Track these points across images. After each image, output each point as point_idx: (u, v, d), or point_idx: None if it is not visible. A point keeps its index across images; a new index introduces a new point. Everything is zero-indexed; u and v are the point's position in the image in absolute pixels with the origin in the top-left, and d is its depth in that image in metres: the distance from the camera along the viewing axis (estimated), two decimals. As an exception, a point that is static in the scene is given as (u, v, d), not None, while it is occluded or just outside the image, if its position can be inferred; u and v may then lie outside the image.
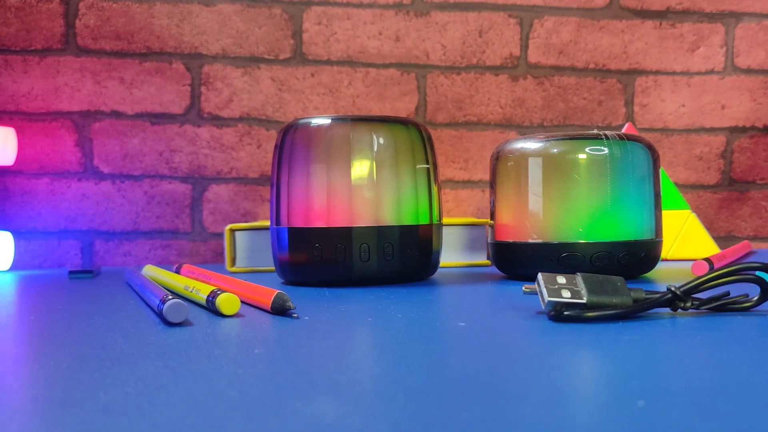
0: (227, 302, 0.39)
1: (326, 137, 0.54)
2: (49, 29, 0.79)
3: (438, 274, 0.61)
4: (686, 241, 0.73)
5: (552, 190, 0.55)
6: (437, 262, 0.58)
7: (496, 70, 0.85)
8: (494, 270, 0.65)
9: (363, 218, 0.53)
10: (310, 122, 0.55)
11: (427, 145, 0.56)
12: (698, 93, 0.88)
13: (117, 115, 0.81)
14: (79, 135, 0.80)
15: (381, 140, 0.54)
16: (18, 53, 0.79)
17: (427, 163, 0.56)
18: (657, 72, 0.87)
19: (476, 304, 0.43)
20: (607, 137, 0.55)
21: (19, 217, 0.79)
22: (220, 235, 0.82)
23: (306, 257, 0.53)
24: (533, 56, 0.86)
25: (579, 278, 0.37)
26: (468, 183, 0.86)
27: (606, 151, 0.54)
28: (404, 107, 0.84)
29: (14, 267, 0.77)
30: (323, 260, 0.53)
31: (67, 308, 0.44)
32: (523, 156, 0.56)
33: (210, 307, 0.41)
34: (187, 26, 0.81)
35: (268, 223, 0.70)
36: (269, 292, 0.40)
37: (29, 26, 0.79)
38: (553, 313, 0.36)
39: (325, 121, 0.55)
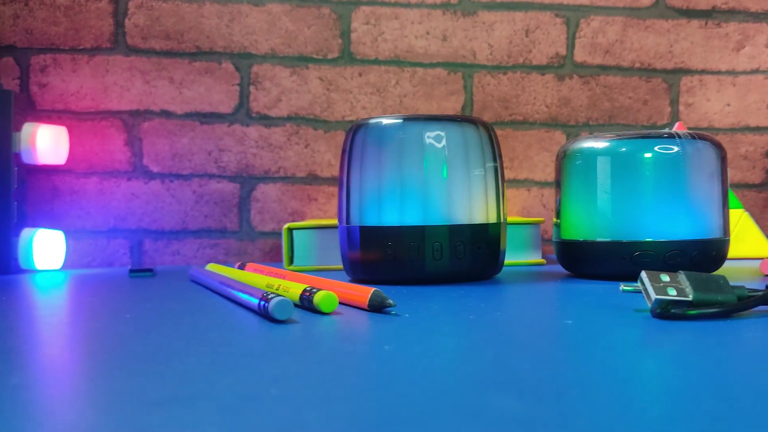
0: (326, 300, 0.39)
1: (398, 136, 0.54)
2: (98, 28, 0.79)
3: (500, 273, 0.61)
4: (740, 240, 0.73)
5: (623, 188, 0.55)
6: (503, 260, 0.58)
7: (542, 69, 0.85)
8: (550, 268, 0.65)
9: (436, 217, 0.53)
10: (382, 121, 0.55)
11: (495, 143, 0.56)
12: (743, 92, 0.87)
13: (166, 114, 0.81)
14: (128, 134, 0.80)
15: (452, 139, 0.54)
16: (67, 52, 0.79)
17: (495, 161, 0.56)
18: (702, 71, 0.87)
19: (565, 302, 0.43)
20: (678, 135, 0.55)
21: (68, 217, 0.79)
22: (268, 234, 0.82)
23: (378, 255, 0.53)
24: (579, 55, 0.86)
25: (682, 276, 0.37)
26: (514, 182, 0.86)
27: (677, 149, 0.54)
28: (451, 106, 0.84)
29: (64, 266, 0.77)
30: (396, 259, 0.53)
31: (155, 306, 0.44)
32: (593, 155, 0.56)
33: (304, 304, 0.41)
34: (237, 26, 0.81)
35: (325, 221, 0.70)
36: (365, 289, 0.40)
37: (78, 25, 0.79)
38: (659, 310, 0.36)
39: (396, 120, 0.55)
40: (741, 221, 0.73)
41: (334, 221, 0.70)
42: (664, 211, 0.54)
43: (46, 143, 0.73)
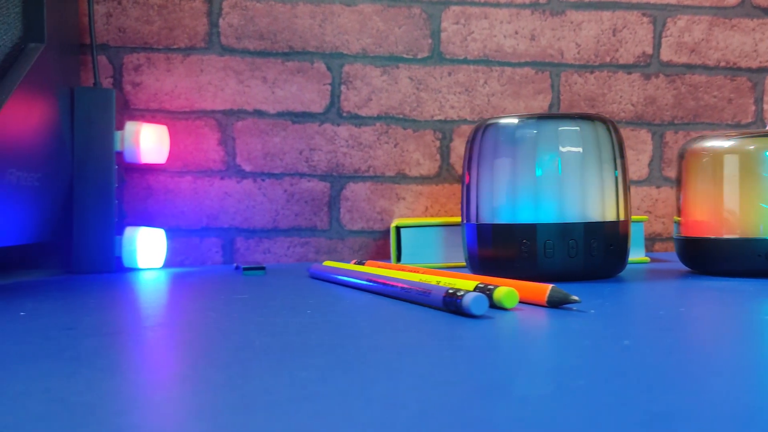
0: (508, 296, 0.40)
1: (514, 136, 0.54)
2: (192, 28, 0.80)
3: (621, 270, 0.62)
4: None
5: (752, 186, 0.55)
6: (626, 259, 0.58)
7: (628, 68, 0.86)
8: (664, 266, 0.65)
9: (571, 214, 0.53)
10: (499, 122, 0.56)
11: (614, 140, 0.57)
12: (828, 91, 0.88)
13: (259, 114, 0.81)
14: (222, 134, 0.81)
15: (586, 137, 0.54)
16: (161, 51, 0.80)
17: (615, 158, 0.56)
18: (787, 70, 0.87)
19: (719, 299, 0.43)
20: (810, 134, 0.55)
21: (162, 215, 0.80)
22: (357, 232, 0.83)
23: (512, 252, 0.54)
24: (665, 55, 0.86)
25: None
26: (600, 181, 0.86)
27: (808, 147, 0.55)
28: (538, 105, 0.85)
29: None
30: (531, 255, 0.53)
31: (316, 303, 0.44)
32: (719, 153, 0.56)
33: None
34: (329, 26, 0.82)
35: (432, 220, 0.71)
36: (542, 286, 0.41)
37: (172, 24, 0.80)
38: None
39: (512, 120, 0.55)
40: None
41: (440, 219, 0.70)
42: (798, 208, 0.54)
43: (150, 142, 0.73)
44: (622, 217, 0.56)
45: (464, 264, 0.70)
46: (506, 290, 0.40)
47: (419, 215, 0.83)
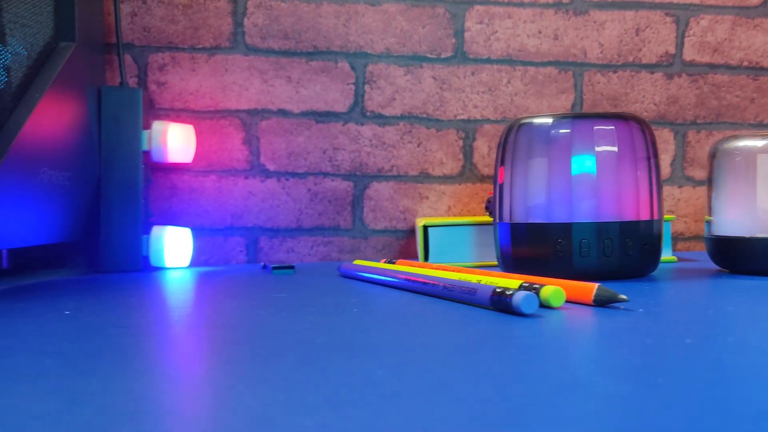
0: (555, 294, 0.40)
1: (549, 135, 0.55)
2: (217, 27, 0.80)
3: (652, 269, 0.62)
4: None
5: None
6: (659, 258, 0.58)
7: (651, 68, 0.86)
8: (689, 265, 0.65)
9: (607, 213, 0.53)
10: (533, 121, 0.56)
11: (648, 139, 0.57)
12: None
13: (283, 113, 0.81)
14: (246, 133, 0.81)
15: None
16: (186, 51, 0.80)
17: (649, 158, 0.56)
18: (809, 70, 0.87)
19: (761, 298, 0.43)
20: None
21: (187, 214, 0.80)
22: (380, 232, 0.83)
23: (547, 251, 0.54)
24: (688, 54, 0.86)
25: None
26: (623, 181, 0.86)
27: (843, 147, 0.55)
28: (561, 105, 0.85)
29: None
30: (566, 255, 0.53)
31: (358, 302, 0.44)
32: (752, 152, 0.56)
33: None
34: (353, 25, 0.82)
35: (459, 219, 0.71)
36: (588, 285, 0.41)
37: (197, 24, 0.80)
38: None
39: (547, 119, 0.55)
40: None
41: (468, 218, 0.70)
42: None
43: (177, 142, 0.73)
44: (655, 216, 0.56)
45: (493, 263, 0.70)
46: (554, 289, 0.40)
47: (442, 215, 0.84)
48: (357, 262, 0.62)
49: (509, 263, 0.57)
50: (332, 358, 0.27)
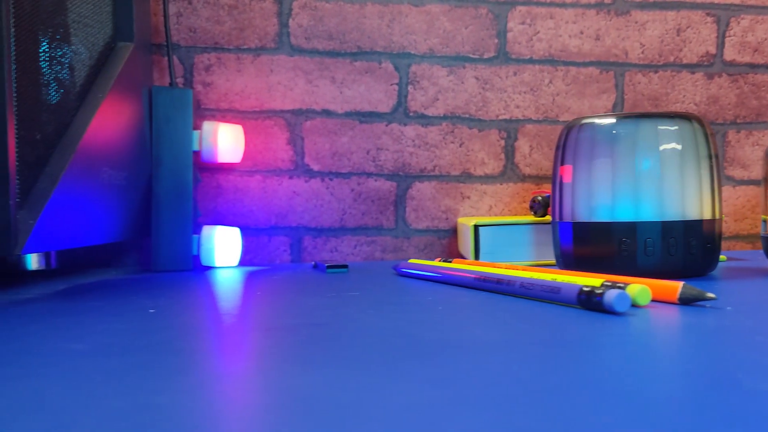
0: (642, 293, 0.40)
1: (613, 134, 0.55)
2: (262, 28, 0.81)
3: (708, 268, 0.62)
4: None
5: None
6: (718, 257, 0.58)
7: (692, 68, 0.86)
8: (743, 264, 0.65)
9: (671, 213, 0.54)
10: (596, 121, 0.56)
11: (710, 139, 0.57)
12: None
13: (327, 113, 0.82)
14: (291, 133, 0.81)
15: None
16: (231, 51, 0.80)
17: (711, 157, 0.57)
18: None
19: None
20: None
21: (232, 214, 0.80)
22: (422, 231, 0.83)
23: (611, 250, 0.54)
24: (729, 54, 0.86)
25: None
26: (663, 180, 0.86)
27: None
28: (602, 105, 0.85)
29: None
30: (630, 253, 0.54)
31: (425, 300, 0.45)
32: (811, 151, 0.57)
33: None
34: (397, 26, 0.82)
35: (509, 218, 0.71)
36: (672, 283, 0.41)
37: (242, 25, 0.80)
38: None
39: (611, 119, 0.56)
40: None
41: (517, 218, 0.71)
42: None
43: (227, 142, 0.74)
44: (717, 215, 0.56)
45: (545, 262, 0.71)
46: (641, 287, 0.40)
47: (483, 214, 0.84)
48: (412, 261, 0.63)
49: (570, 262, 0.57)
50: (456, 355, 0.28)
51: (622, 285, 0.41)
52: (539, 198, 0.71)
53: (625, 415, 0.19)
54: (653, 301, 0.42)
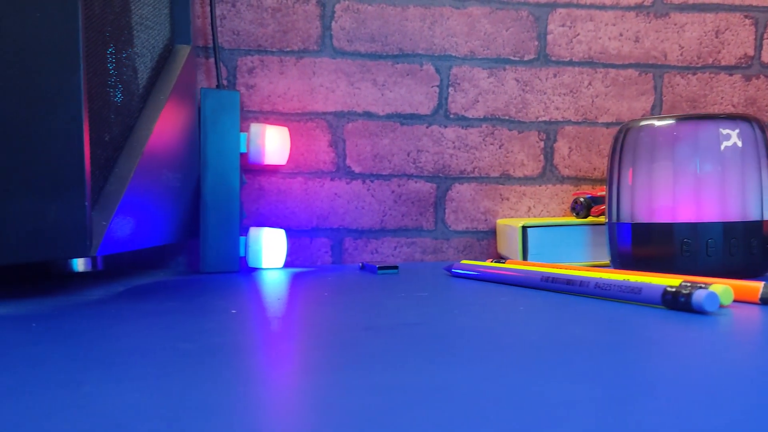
0: (725, 293, 0.40)
1: (674, 136, 0.55)
2: (305, 31, 0.81)
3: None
4: None
5: None
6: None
7: (730, 69, 0.86)
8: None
9: (733, 213, 0.54)
10: (654, 123, 0.57)
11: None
12: None
13: (369, 116, 0.82)
14: (332, 135, 0.82)
15: (744, 137, 0.55)
16: (274, 54, 0.81)
17: None
18: None
19: None
20: None
21: (274, 216, 0.81)
22: (462, 233, 0.84)
23: (670, 251, 0.55)
24: (767, 56, 0.87)
25: None
26: (701, 182, 0.86)
27: None
28: (641, 107, 0.85)
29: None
30: (692, 254, 0.54)
31: (497, 301, 0.45)
32: None
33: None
34: (438, 28, 0.82)
35: (557, 220, 0.71)
36: (753, 283, 0.42)
37: (286, 27, 0.81)
38: None
39: (670, 121, 0.56)
40: None
41: (564, 219, 0.71)
42: None
43: (274, 144, 0.74)
44: (772, 217, 0.56)
45: (597, 263, 0.71)
46: (724, 287, 0.40)
47: (522, 216, 0.84)
48: (464, 261, 0.63)
49: (628, 262, 0.58)
50: (565, 353, 0.28)
51: (703, 285, 0.41)
52: (581, 199, 0.71)
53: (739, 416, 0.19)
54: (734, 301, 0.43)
